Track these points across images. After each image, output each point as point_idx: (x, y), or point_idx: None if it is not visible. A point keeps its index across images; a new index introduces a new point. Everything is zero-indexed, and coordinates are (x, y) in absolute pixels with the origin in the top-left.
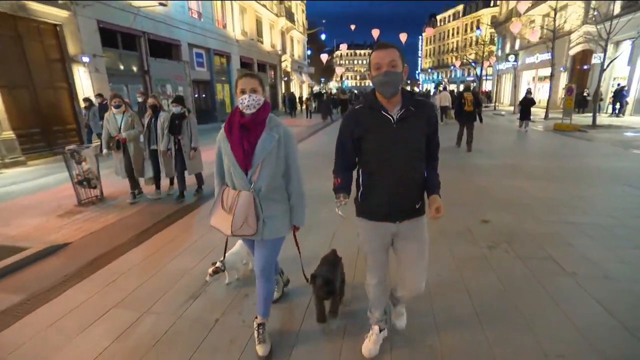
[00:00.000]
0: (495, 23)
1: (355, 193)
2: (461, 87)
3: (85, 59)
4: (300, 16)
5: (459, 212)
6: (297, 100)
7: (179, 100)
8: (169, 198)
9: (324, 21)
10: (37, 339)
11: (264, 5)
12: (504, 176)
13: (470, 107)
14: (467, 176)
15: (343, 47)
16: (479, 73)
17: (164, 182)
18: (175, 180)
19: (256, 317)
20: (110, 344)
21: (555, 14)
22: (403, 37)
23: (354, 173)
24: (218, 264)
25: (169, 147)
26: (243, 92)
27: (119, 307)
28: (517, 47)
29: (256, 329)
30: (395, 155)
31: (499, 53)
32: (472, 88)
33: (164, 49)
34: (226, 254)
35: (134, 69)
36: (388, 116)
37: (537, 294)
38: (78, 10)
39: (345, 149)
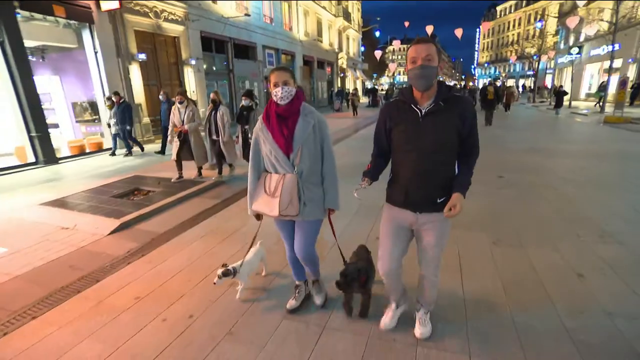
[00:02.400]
0: (561, 13)
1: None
2: (498, 83)
3: (192, 62)
4: (356, 15)
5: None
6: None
7: (248, 94)
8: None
9: (378, 19)
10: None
11: (324, 7)
12: (519, 145)
13: (491, 96)
14: (490, 142)
15: (396, 43)
16: (541, 67)
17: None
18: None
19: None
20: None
21: (617, 7)
22: (459, 32)
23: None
24: (229, 267)
25: (237, 135)
26: (276, 85)
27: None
28: (581, 39)
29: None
30: (417, 148)
31: (561, 45)
32: (494, 84)
33: (244, 51)
34: (242, 262)
35: (222, 68)
36: (416, 110)
37: (538, 198)
38: (189, 25)
39: (379, 137)
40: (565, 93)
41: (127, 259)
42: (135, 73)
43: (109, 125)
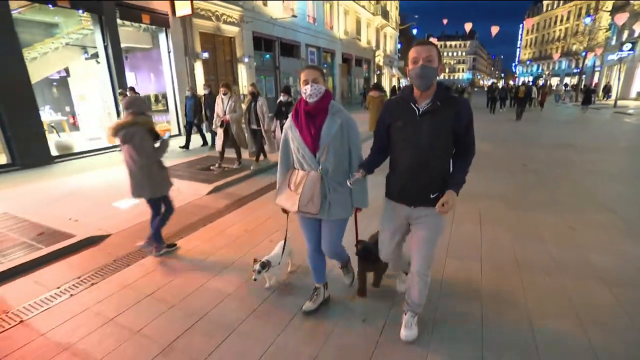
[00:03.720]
0: (615, 7)
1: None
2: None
3: (246, 60)
4: (393, 13)
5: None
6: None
7: (286, 90)
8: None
9: (416, 17)
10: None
11: (364, 6)
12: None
13: (522, 95)
14: (515, 127)
15: (433, 40)
16: (590, 64)
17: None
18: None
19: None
20: None
21: None
22: (495, 29)
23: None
24: (264, 260)
25: (274, 129)
26: (306, 82)
27: None
28: (635, 34)
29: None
30: (413, 145)
31: (613, 42)
32: (526, 84)
33: (289, 49)
34: (269, 255)
35: (270, 65)
36: (415, 108)
37: (555, 182)
38: (244, 26)
39: (379, 132)
40: (594, 91)
41: (228, 209)
42: (199, 69)
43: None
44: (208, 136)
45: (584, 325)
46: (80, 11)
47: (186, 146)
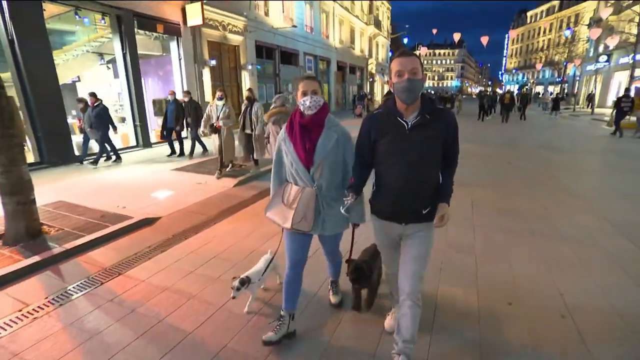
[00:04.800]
0: (592, 21)
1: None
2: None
3: (249, 67)
4: (385, 22)
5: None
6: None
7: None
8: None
9: (407, 26)
10: None
11: (357, 16)
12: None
13: (507, 101)
14: (503, 130)
15: (423, 49)
16: (572, 73)
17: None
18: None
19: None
20: None
21: None
22: (484, 40)
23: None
24: (243, 276)
25: (267, 135)
26: (304, 93)
27: None
28: (611, 47)
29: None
30: (404, 160)
31: (591, 53)
32: (510, 92)
33: (288, 57)
34: (250, 271)
35: (270, 72)
36: (403, 122)
37: (535, 175)
38: (247, 35)
39: (362, 148)
40: (562, 99)
41: (255, 198)
42: (206, 76)
43: (82, 131)
44: (187, 143)
45: (548, 269)
46: (102, 21)
47: (172, 152)
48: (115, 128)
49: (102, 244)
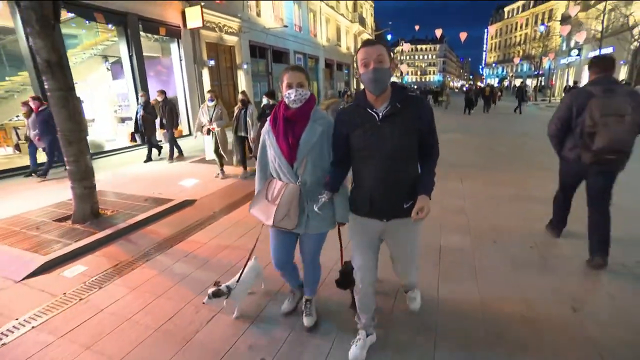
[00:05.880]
0: (563, 17)
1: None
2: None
3: (245, 66)
4: (369, 19)
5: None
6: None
7: (270, 94)
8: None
9: (390, 23)
10: None
11: (342, 14)
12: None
13: (487, 94)
14: (488, 122)
15: (406, 45)
16: (548, 67)
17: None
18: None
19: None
20: None
21: (603, 18)
22: (463, 35)
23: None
24: (222, 287)
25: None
26: (289, 86)
27: None
28: (580, 42)
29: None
30: (377, 153)
31: (564, 47)
32: (490, 85)
33: (279, 56)
34: (236, 283)
35: (263, 71)
36: (373, 114)
37: (513, 157)
38: (242, 36)
39: (336, 144)
40: (526, 92)
41: None
42: (205, 76)
43: (27, 139)
44: (166, 147)
45: (525, 219)
46: (110, 25)
47: (149, 158)
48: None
49: (154, 221)
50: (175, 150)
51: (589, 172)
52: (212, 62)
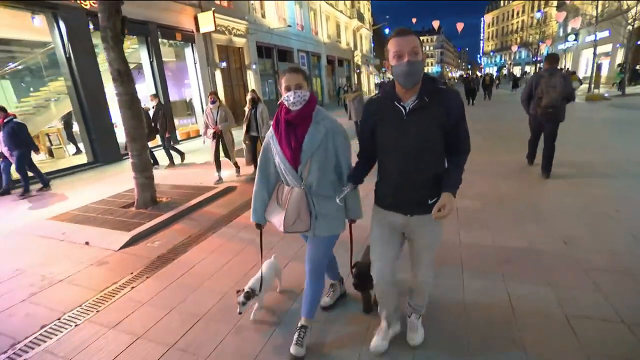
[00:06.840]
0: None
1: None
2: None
3: (253, 67)
4: (367, 15)
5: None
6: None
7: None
8: None
9: (387, 17)
10: None
11: (341, 11)
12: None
13: (488, 83)
14: (489, 110)
15: None
16: (546, 52)
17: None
18: None
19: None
20: None
21: (597, 2)
22: (460, 26)
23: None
24: (248, 289)
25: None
26: (288, 88)
27: None
28: (578, 26)
29: (297, 329)
30: (402, 147)
31: (561, 33)
32: (490, 74)
33: (284, 55)
34: (251, 281)
35: (270, 70)
36: (400, 107)
37: (513, 140)
38: (250, 37)
39: (363, 135)
40: (519, 78)
41: None
42: (218, 77)
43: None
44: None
45: (530, 186)
46: (133, 35)
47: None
48: (36, 149)
49: (207, 204)
50: (176, 154)
51: (542, 121)
52: (224, 64)
